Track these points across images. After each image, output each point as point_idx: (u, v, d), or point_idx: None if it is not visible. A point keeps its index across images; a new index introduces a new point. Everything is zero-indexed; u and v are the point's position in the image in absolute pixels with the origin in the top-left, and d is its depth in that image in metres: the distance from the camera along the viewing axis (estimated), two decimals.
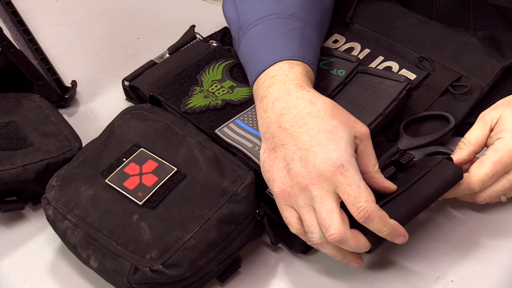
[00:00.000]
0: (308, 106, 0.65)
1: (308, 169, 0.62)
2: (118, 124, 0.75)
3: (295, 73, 0.69)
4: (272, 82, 0.68)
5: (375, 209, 0.61)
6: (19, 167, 0.73)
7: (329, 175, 0.61)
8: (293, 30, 0.73)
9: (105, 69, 0.95)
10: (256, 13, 0.75)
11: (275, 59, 0.70)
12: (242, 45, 0.76)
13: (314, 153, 0.62)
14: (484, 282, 0.66)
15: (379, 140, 0.75)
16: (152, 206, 0.67)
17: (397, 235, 0.62)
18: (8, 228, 0.75)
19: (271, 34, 0.74)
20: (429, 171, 0.66)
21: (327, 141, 0.62)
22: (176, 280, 0.63)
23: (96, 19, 1.04)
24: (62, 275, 0.70)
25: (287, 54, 0.71)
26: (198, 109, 0.75)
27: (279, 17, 0.74)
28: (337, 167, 0.61)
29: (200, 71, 0.80)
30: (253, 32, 0.75)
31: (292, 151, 0.63)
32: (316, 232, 0.63)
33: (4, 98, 0.82)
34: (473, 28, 0.86)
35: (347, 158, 0.61)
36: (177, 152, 0.71)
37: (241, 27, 0.77)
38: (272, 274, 0.69)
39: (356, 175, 0.61)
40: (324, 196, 0.61)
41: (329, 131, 0.63)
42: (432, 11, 0.89)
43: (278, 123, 0.65)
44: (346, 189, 0.61)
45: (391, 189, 0.65)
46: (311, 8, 0.77)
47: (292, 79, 0.68)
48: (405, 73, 0.82)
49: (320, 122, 0.63)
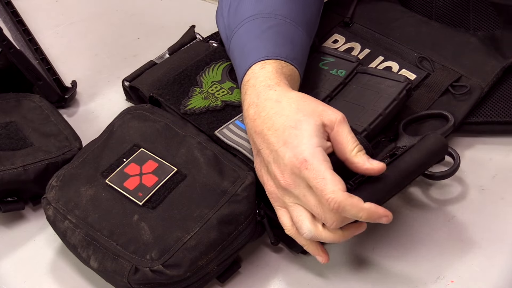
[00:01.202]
0: (275, 106, 0.65)
1: (281, 170, 0.62)
2: (118, 124, 0.75)
3: (265, 73, 0.69)
4: (247, 87, 0.69)
5: (344, 197, 0.60)
6: (19, 167, 0.73)
7: (298, 172, 0.61)
8: (269, 28, 0.73)
9: (105, 69, 0.95)
10: (237, 18, 0.76)
11: (250, 63, 0.70)
12: (230, 54, 0.77)
13: (282, 153, 0.62)
14: (484, 282, 0.66)
15: (379, 140, 0.75)
16: (152, 206, 0.67)
17: (377, 217, 0.61)
18: (8, 228, 0.75)
19: (248, 37, 0.74)
20: (413, 145, 0.67)
21: (291, 138, 0.62)
22: (176, 280, 0.63)
23: (96, 19, 1.04)
24: (62, 275, 0.70)
25: (260, 55, 0.70)
26: (197, 110, 0.75)
27: (257, 17, 0.74)
28: (301, 162, 0.60)
29: (200, 72, 0.80)
30: (235, 38, 0.75)
31: (267, 154, 0.64)
32: (305, 227, 0.63)
33: (4, 98, 0.82)
34: (473, 28, 0.86)
35: (310, 151, 0.61)
36: (177, 152, 0.71)
37: (227, 36, 0.78)
38: (272, 274, 0.69)
39: (320, 166, 0.60)
40: (306, 193, 0.61)
41: (293, 127, 0.62)
42: (432, 11, 0.89)
43: (253, 128, 0.66)
44: (313, 183, 0.60)
45: (377, 169, 0.63)
46: (293, 1, 0.76)
47: (262, 81, 0.68)
48: (405, 73, 0.82)
49: (285, 120, 0.63)
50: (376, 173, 0.63)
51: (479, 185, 0.75)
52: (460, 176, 0.74)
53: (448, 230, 0.71)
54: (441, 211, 0.73)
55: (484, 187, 0.75)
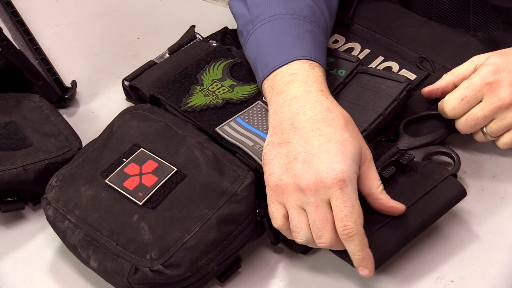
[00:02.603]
0: (324, 112, 0.65)
1: (309, 173, 0.62)
2: (118, 124, 0.75)
3: (316, 75, 0.69)
4: (292, 79, 0.68)
5: (361, 232, 0.61)
6: (19, 167, 0.73)
7: (328, 185, 0.61)
8: (307, 32, 0.74)
9: (105, 69, 0.95)
10: (268, 9, 0.75)
11: (294, 57, 0.70)
12: (252, 40, 0.76)
13: (320, 159, 0.62)
14: (484, 282, 0.66)
15: (379, 140, 0.75)
16: (152, 206, 0.67)
17: (365, 265, 0.63)
18: (8, 228, 0.75)
19: (285, 32, 0.74)
20: (434, 186, 0.67)
21: (335, 151, 0.62)
22: (176, 280, 0.63)
23: (96, 19, 1.04)
24: (62, 276, 0.70)
25: (305, 54, 0.71)
26: (198, 108, 0.75)
27: (293, 17, 0.74)
28: (338, 180, 0.61)
29: (200, 71, 0.80)
30: (266, 28, 0.75)
31: (298, 151, 0.63)
32: (302, 234, 0.64)
33: (4, 98, 0.82)
34: (472, 29, 0.86)
35: (350, 174, 0.61)
36: (177, 152, 0.71)
37: (252, 21, 0.77)
38: (272, 274, 0.69)
39: (353, 194, 0.61)
40: (320, 205, 0.62)
41: (339, 142, 0.63)
42: (432, 12, 0.89)
43: (291, 120, 0.65)
44: (340, 205, 0.61)
45: (399, 209, 0.65)
46: (321, 12, 0.77)
47: (314, 81, 0.68)
48: (405, 73, 0.82)
49: (332, 131, 0.63)
50: (397, 212, 0.64)
51: (479, 185, 0.75)
52: (460, 176, 0.74)
53: (448, 230, 0.71)
54: None
55: (484, 187, 0.75)
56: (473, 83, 0.71)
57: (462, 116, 0.73)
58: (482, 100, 0.71)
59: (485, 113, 0.71)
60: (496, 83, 0.70)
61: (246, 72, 0.79)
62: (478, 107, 0.71)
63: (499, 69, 0.70)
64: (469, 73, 0.73)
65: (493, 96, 0.70)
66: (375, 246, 0.63)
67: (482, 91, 0.71)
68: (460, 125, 0.74)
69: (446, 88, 0.75)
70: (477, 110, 0.72)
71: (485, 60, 0.73)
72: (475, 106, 0.72)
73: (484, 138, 0.74)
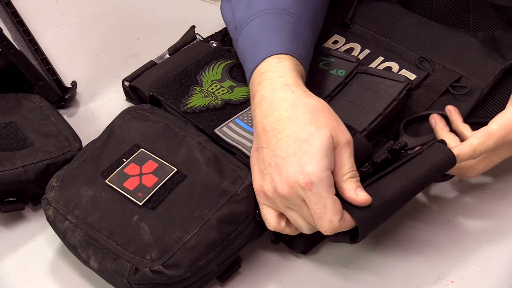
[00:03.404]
0: (289, 109, 0.64)
1: (281, 178, 0.62)
2: (118, 124, 0.75)
3: (283, 68, 0.68)
4: (262, 79, 0.68)
5: (338, 228, 0.61)
6: (19, 168, 0.73)
7: (299, 189, 0.61)
8: (285, 24, 0.73)
9: (105, 69, 0.95)
10: (250, 10, 0.75)
11: (266, 54, 0.70)
12: (239, 44, 0.76)
13: (288, 163, 0.62)
14: (484, 282, 0.66)
15: (379, 140, 0.75)
16: (152, 206, 0.67)
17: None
18: (8, 228, 0.75)
19: (263, 29, 0.73)
20: (420, 153, 0.66)
21: (301, 152, 0.61)
22: (176, 280, 0.63)
23: (96, 19, 1.04)
24: (62, 276, 0.70)
25: (277, 48, 0.70)
26: (198, 109, 0.75)
27: (272, 12, 0.74)
28: (306, 183, 0.60)
29: (200, 71, 0.80)
30: (247, 29, 0.75)
31: (270, 156, 0.63)
32: (305, 228, 0.64)
33: (4, 99, 0.82)
34: (473, 29, 0.86)
35: (318, 174, 0.61)
36: (177, 152, 0.71)
37: (237, 27, 0.77)
38: (272, 274, 0.69)
39: (324, 193, 0.61)
40: (302, 205, 0.62)
41: (305, 140, 0.62)
42: (432, 12, 0.89)
43: (262, 124, 0.65)
44: (313, 207, 0.61)
45: (360, 201, 0.62)
46: (304, 2, 0.76)
47: (280, 75, 0.67)
48: (405, 73, 0.82)
49: (297, 129, 0.63)
50: (359, 204, 0.62)
51: (479, 185, 0.75)
52: (460, 176, 0.74)
53: (448, 230, 0.71)
54: (441, 211, 0.73)
55: (484, 187, 0.75)
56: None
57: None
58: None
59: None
60: None
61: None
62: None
63: None
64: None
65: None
66: (358, 212, 0.62)
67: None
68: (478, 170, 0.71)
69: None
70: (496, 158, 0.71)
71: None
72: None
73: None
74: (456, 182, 0.75)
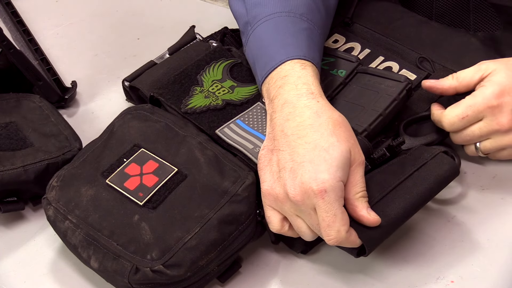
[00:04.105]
0: (312, 117, 0.65)
1: (294, 183, 0.62)
2: (119, 124, 0.75)
3: (307, 75, 0.68)
4: (284, 82, 0.68)
5: (344, 239, 0.62)
6: (19, 168, 0.73)
7: (311, 195, 0.61)
8: (303, 30, 0.73)
9: (105, 69, 0.95)
10: (265, 9, 0.75)
11: (287, 57, 0.70)
12: (251, 40, 0.76)
13: (304, 169, 0.62)
14: (484, 282, 0.66)
15: (380, 140, 0.75)
16: (152, 206, 0.67)
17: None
18: (8, 228, 0.75)
19: (281, 31, 0.73)
20: (424, 163, 0.66)
21: (319, 160, 0.62)
22: (177, 280, 0.64)
23: (96, 19, 1.04)
24: (63, 276, 0.70)
25: (298, 53, 0.70)
26: (198, 109, 0.75)
27: (290, 15, 0.74)
28: (319, 191, 0.61)
29: (200, 71, 0.80)
30: (263, 28, 0.75)
31: (286, 160, 0.63)
32: (307, 236, 0.65)
33: (4, 99, 0.82)
34: (473, 29, 0.86)
35: (333, 183, 0.61)
36: (178, 152, 0.71)
37: (250, 22, 0.77)
38: (272, 274, 0.69)
39: (335, 203, 0.61)
40: (311, 213, 0.62)
41: (324, 149, 0.62)
42: (432, 12, 0.89)
43: (282, 127, 0.65)
44: (322, 214, 0.61)
45: (369, 220, 0.63)
46: (318, 10, 0.77)
47: (304, 83, 0.68)
48: (405, 73, 0.82)
49: (319, 137, 0.63)
50: (369, 224, 0.63)
51: (479, 185, 0.75)
52: (460, 176, 0.74)
53: (448, 230, 0.71)
54: (442, 211, 0.73)
55: (484, 187, 0.75)
56: (476, 103, 0.70)
57: (459, 132, 0.73)
58: (482, 119, 0.71)
59: (482, 133, 0.71)
60: (498, 107, 0.70)
61: (246, 72, 0.79)
62: (476, 126, 0.71)
63: (504, 92, 0.70)
64: (474, 82, 0.73)
65: (493, 119, 0.70)
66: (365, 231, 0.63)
67: (483, 113, 0.70)
68: (455, 137, 0.74)
69: (446, 91, 0.75)
70: (475, 128, 0.72)
71: (492, 74, 0.72)
72: (474, 124, 0.72)
73: (475, 152, 0.74)
74: (456, 182, 0.75)
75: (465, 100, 0.72)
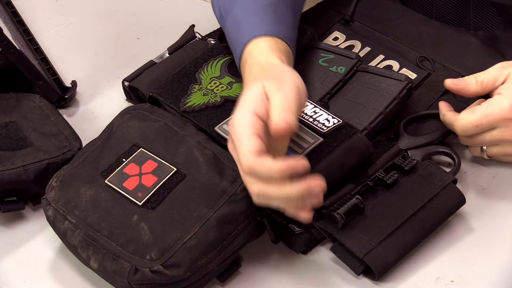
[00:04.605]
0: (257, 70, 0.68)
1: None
2: (118, 124, 0.75)
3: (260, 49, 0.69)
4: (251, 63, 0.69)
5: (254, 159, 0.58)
6: (19, 167, 0.73)
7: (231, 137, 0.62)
8: (265, 6, 0.74)
9: (105, 69, 0.95)
10: None
11: (247, 40, 0.71)
12: (225, 34, 0.77)
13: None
14: (484, 282, 0.66)
15: (380, 139, 0.75)
16: (151, 206, 0.66)
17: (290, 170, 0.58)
18: (8, 228, 0.75)
19: (244, 13, 0.74)
20: (436, 195, 0.68)
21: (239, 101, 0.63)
22: (176, 280, 0.63)
23: (96, 19, 1.04)
24: (62, 276, 0.70)
25: (256, 33, 0.71)
26: (197, 108, 0.75)
27: None
28: (230, 128, 0.62)
29: (199, 69, 0.80)
30: (230, 16, 0.76)
31: None
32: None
33: (4, 98, 0.82)
34: (473, 28, 0.86)
35: (238, 115, 0.61)
36: (177, 152, 0.71)
37: (223, 15, 0.78)
38: (272, 274, 0.69)
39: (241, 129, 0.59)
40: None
41: (245, 89, 0.64)
42: (433, 10, 0.89)
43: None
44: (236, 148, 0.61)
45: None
46: None
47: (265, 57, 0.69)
48: (406, 72, 0.82)
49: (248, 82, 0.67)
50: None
51: (479, 185, 0.75)
52: (460, 176, 0.74)
53: (448, 230, 0.71)
54: None
55: (484, 187, 0.75)
56: (492, 113, 0.70)
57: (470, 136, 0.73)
58: (495, 128, 0.71)
59: (493, 140, 0.72)
60: None
61: None
62: (488, 133, 0.71)
63: None
64: (496, 85, 0.72)
65: (506, 130, 0.70)
66: (379, 258, 0.64)
67: (498, 124, 0.70)
68: (464, 139, 0.74)
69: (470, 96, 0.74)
70: (486, 135, 0.72)
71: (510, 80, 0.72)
72: (486, 132, 0.72)
73: (480, 154, 0.75)
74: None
75: (481, 108, 0.71)
